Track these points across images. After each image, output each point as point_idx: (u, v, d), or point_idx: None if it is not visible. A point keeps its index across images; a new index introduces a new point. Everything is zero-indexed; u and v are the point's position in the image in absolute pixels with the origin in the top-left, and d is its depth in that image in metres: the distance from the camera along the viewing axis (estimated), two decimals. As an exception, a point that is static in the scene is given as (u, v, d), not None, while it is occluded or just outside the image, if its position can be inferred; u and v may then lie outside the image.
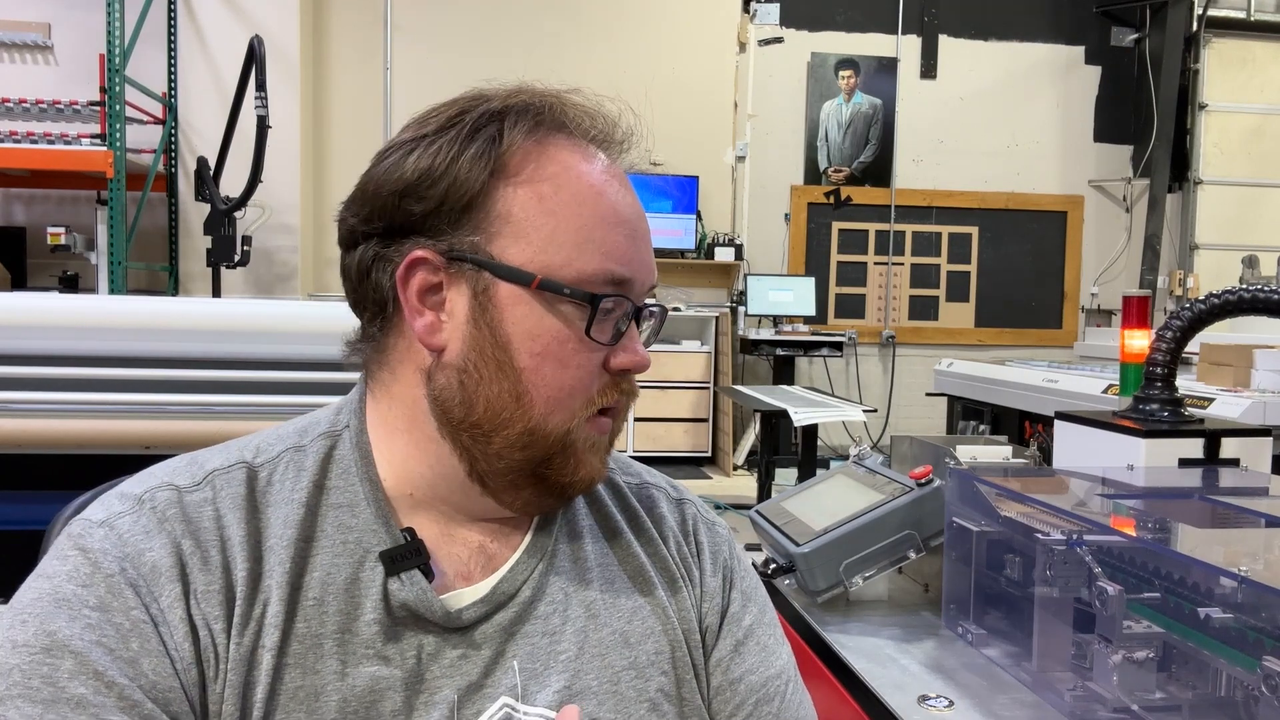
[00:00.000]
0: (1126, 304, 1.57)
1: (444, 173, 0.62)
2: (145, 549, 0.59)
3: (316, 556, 0.62)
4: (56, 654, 0.55)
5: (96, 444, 1.81)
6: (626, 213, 0.66)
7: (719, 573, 0.76)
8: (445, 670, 0.63)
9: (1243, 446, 1.22)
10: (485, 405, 0.63)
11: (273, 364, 1.87)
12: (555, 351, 0.63)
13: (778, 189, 6.55)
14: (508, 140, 0.64)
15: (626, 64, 6.10)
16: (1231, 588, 0.80)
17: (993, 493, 1.09)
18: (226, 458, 0.66)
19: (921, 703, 0.97)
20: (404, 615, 0.63)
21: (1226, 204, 6.64)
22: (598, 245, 0.64)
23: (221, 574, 0.60)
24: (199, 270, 5.31)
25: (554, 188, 0.64)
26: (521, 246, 0.63)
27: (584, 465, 0.66)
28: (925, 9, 6.59)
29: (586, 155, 0.66)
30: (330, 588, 0.62)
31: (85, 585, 0.57)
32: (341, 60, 5.87)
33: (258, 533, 0.62)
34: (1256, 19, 6.59)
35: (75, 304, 2.15)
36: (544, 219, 0.63)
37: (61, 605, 0.56)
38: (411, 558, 0.63)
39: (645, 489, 0.79)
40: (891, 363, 6.69)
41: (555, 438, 0.64)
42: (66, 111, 5.23)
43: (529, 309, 0.63)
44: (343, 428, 0.68)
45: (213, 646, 0.58)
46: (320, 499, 0.64)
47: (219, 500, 0.63)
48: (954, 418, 4.59)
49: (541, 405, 0.63)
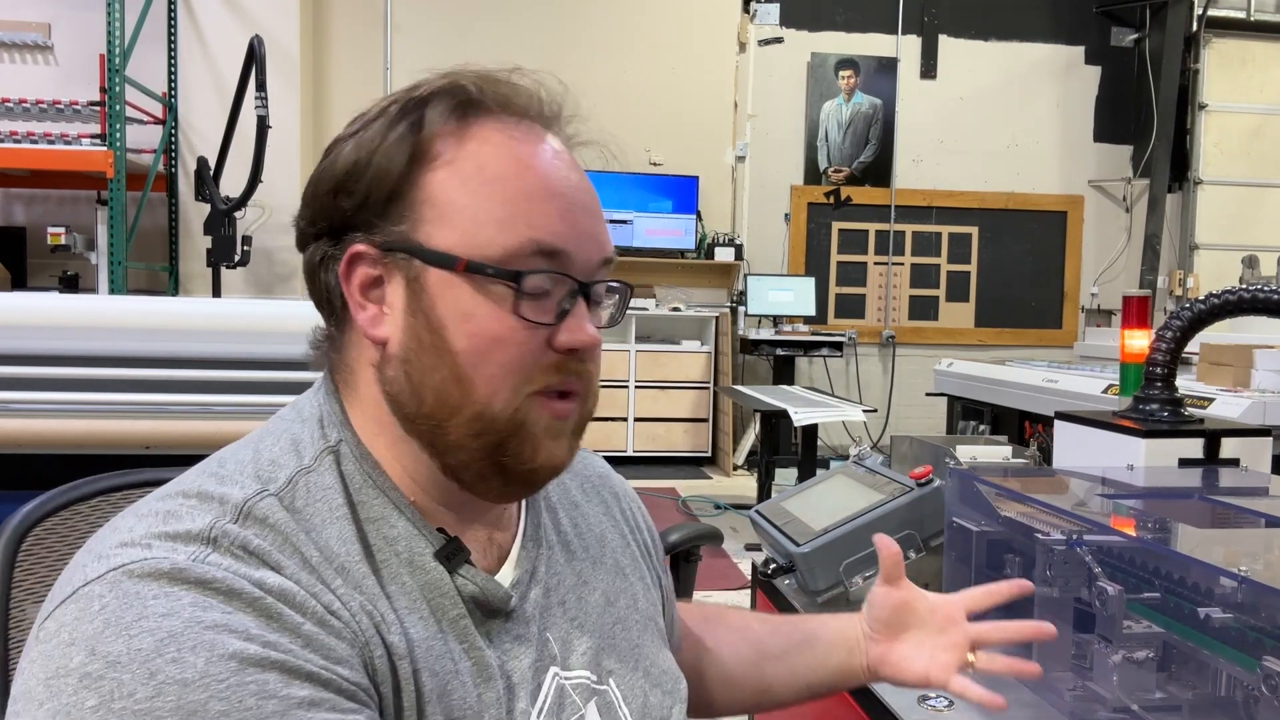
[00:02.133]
0: (1126, 304, 1.57)
1: (368, 164, 0.62)
2: (262, 577, 0.54)
3: (387, 568, 0.62)
4: (255, 670, 0.49)
5: (96, 444, 1.81)
6: (559, 185, 0.64)
7: (643, 516, 0.88)
8: (510, 654, 0.65)
9: (1243, 446, 1.22)
10: (433, 395, 0.62)
11: (273, 364, 1.87)
12: (491, 332, 0.61)
13: (778, 189, 6.55)
14: (428, 125, 0.63)
15: (627, 64, 6.10)
16: (1231, 588, 0.80)
17: (993, 493, 1.09)
18: (243, 489, 0.59)
19: (921, 703, 0.97)
20: (473, 607, 0.64)
21: (1226, 204, 6.64)
22: (524, 219, 0.62)
23: (331, 594, 0.57)
24: (199, 270, 5.32)
25: (476, 166, 0.62)
26: (446, 230, 0.62)
27: (543, 450, 0.64)
28: (925, 9, 6.59)
29: (513, 132, 0.64)
30: (414, 595, 0.62)
31: (230, 611, 0.51)
32: (341, 60, 5.87)
33: (328, 552, 0.59)
34: (1256, 19, 6.60)
35: (75, 304, 2.15)
36: (467, 199, 0.62)
37: (220, 631, 0.50)
38: (460, 553, 0.64)
39: (582, 454, 0.85)
40: (891, 363, 6.69)
41: (504, 421, 0.62)
42: (66, 111, 5.24)
43: (460, 292, 0.62)
44: (337, 441, 0.65)
45: (370, 658, 0.57)
46: (357, 514, 0.62)
47: (275, 532, 0.58)
48: (954, 418, 4.59)
49: (483, 387, 0.61)
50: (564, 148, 0.68)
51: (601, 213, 0.68)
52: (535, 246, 0.62)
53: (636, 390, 5.83)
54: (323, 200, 0.64)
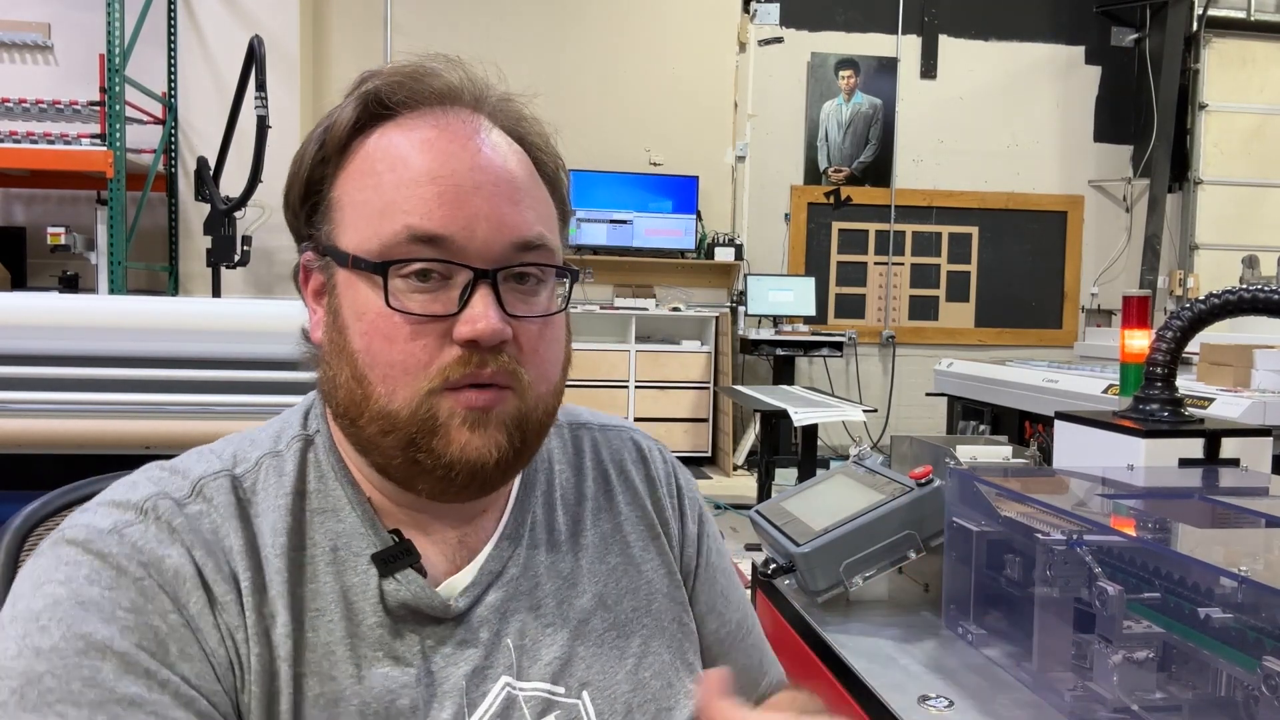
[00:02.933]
0: (1126, 304, 1.57)
1: (294, 175, 0.65)
2: (164, 555, 0.57)
3: (310, 565, 0.62)
4: (95, 655, 0.52)
5: (96, 444, 1.81)
6: (442, 169, 0.61)
7: (696, 520, 0.81)
8: (450, 660, 0.63)
9: (1243, 446, 1.22)
10: (344, 394, 0.62)
11: (272, 364, 1.87)
12: (381, 329, 0.60)
13: (778, 189, 6.55)
14: (334, 130, 0.64)
15: (627, 64, 6.10)
16: (1231, 588, 0.80)
17: (993, 493, 1.09)
18: (208, 465, 0.64)
19: (921, 703, 0.97)
20: (404, 614, 0.63)
21: (1226, 204, 6.64)
22: (400, 208, 0.60)
23: (232, 585, 0.59)
24: (199, 270, 5.31)
25: (368, 163, 0.63)
26: (347, 230, 0.62)
27: (456, 442, 0.60)
28: (925, 9, 6.59)
29: (409, 126, 0.63)
30: (329, 596, 0.62)
31: (112, 588, 0.55)
32: (341, 60, 5.87)
33: (253, 542, 0.61)
34: (1256, 19, 6.60)
35: (75, 304, 2.15)
36: (362, 195, 0.62)
37: (89, 608, 0.53)
38: (403, 558, 0.63)
39: (620, 435, 0.82)
40: (891, 363, 6.69)
41: (405, 417, 0.60)
42: (66, 111, 5.23)
43: (355, 290, 0.61)
44: (315, 432, 0.67)
45: (238, 657, 0.58)
46: (304, 505, 0.64)
47: (214, 511, 0.61)
48: (954, 418, 4.59)
49: (380, 385, 0.60)
50: (478, 130, 0.64)
51: (518, 193, 0.63)
52: (409, 233, 0.60)
53: (636, 390, 5.83)
54: (285, 215, 0.68)
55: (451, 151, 0.62)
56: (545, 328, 0.64)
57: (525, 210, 0.63)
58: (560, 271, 0.65)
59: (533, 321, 0.63)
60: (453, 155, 0.62)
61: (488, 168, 0.62)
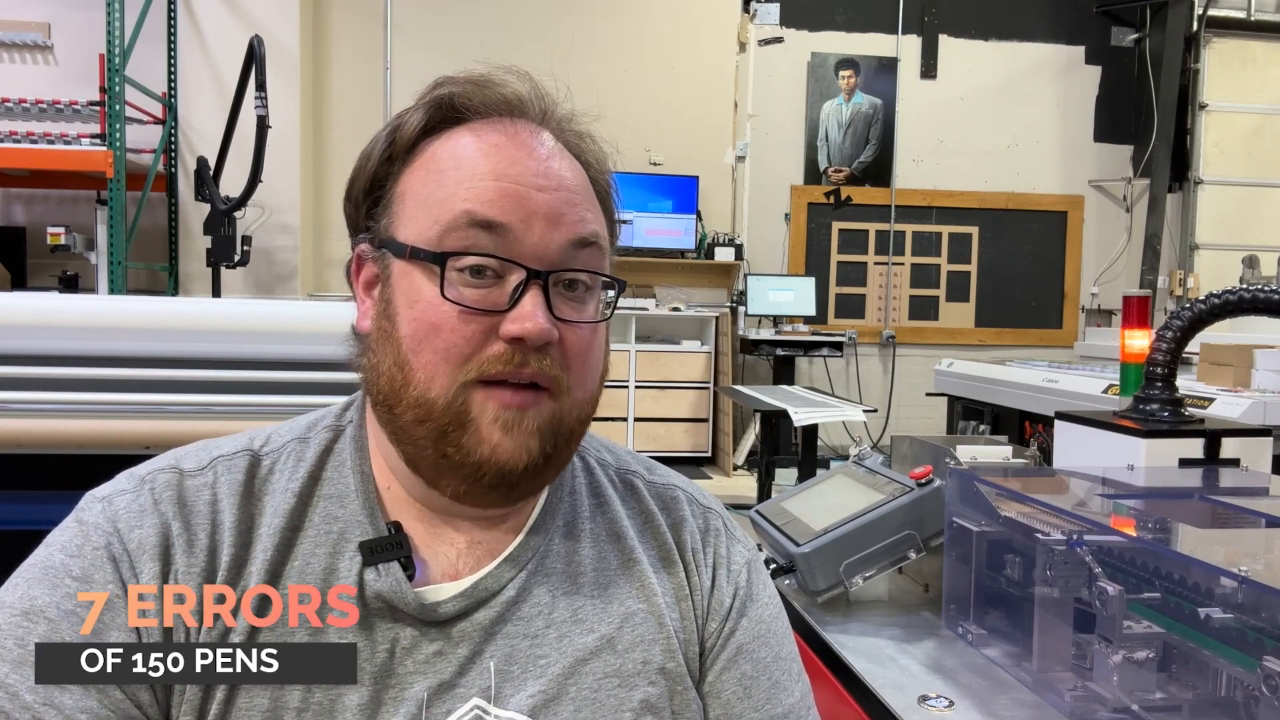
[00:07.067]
0: (1126, 304, 1.57)
1: (360, 170, 0.68)
2: (134, 526, 0.62)
3: (300, 545, 0.64)
4: (33, 618, 0.58)
5: (96, 444, 1.81)
6: (505, 171, 0.63)
7: (733, 593, 0.72)
8: (418, 666, 0.62)
9: (1243, 446, 1.22)
10: (385, 379, 0.64)
11: (273, 364, 1.86)
12: (430, 317, 0.62)
13: (778, 189, 6.55)
14: (406, 130, 0.66)
15: (627, 64, 6.10)
16: (1231, 588, 0.80)
17: (993, 493, 1.09)
18: (235, 444, 0.68)
19: (921, 703, 0.97)
20: (379, 606, 0.63)
21: (1226, 204, 6.64)
22: (461, 196, 0.62)
23: (206, 557, 0.62)
24: (199, 270, 5.31)
25: (436, 162, 0.65)
26: (407, 222, 0.65)
27: (487, 442, 0.61)
28: (925, 9, 6.59)
29: (477, 130, 0.66)
30: (311, 576, 0.63)
31: (73, 556, 0.60)
32: (341, 60, 5.87)
33: (250, 519, 0.64)
34: (1256, 19, 6.59)
35: (75, 304, 2.14)
36: (425, 189, 0.64)
37: (48, 573, 0.60)
38: (391, 550, 0.64)
39: (670, 490, 0.76)
40: (891, 363, 6.69)
41: (442, 407, 0.61)
42: (66, 111, 5.23)
43: (410, 280, 0.63)
44: (347, 423, 0.71)
45: (183, 628, 0.60)
46: (314, 490, 0.66)
47: (218, 485, 0.65)
48: (954, 418, 4.59)
49: (421, 371, 0.62)
50: (543, 143, 0.66)
51: (576, 198, 0.65)
52: (468, 218, 0.62)
53: (636, 390, 5.83)
54: (345, 208, 0.70)
55: (516, 157, 0.64)
56: (590, 335, 0.66)
57: (583, 211, 0.66)
58: (607, 282, 0.67)
59: (579, 327, 0.64)
60: (516, 160, 0.64)
61: (549, 175, 0.64)
